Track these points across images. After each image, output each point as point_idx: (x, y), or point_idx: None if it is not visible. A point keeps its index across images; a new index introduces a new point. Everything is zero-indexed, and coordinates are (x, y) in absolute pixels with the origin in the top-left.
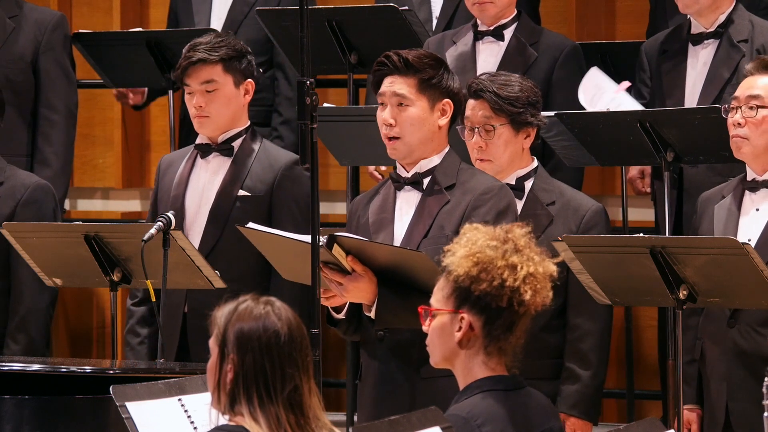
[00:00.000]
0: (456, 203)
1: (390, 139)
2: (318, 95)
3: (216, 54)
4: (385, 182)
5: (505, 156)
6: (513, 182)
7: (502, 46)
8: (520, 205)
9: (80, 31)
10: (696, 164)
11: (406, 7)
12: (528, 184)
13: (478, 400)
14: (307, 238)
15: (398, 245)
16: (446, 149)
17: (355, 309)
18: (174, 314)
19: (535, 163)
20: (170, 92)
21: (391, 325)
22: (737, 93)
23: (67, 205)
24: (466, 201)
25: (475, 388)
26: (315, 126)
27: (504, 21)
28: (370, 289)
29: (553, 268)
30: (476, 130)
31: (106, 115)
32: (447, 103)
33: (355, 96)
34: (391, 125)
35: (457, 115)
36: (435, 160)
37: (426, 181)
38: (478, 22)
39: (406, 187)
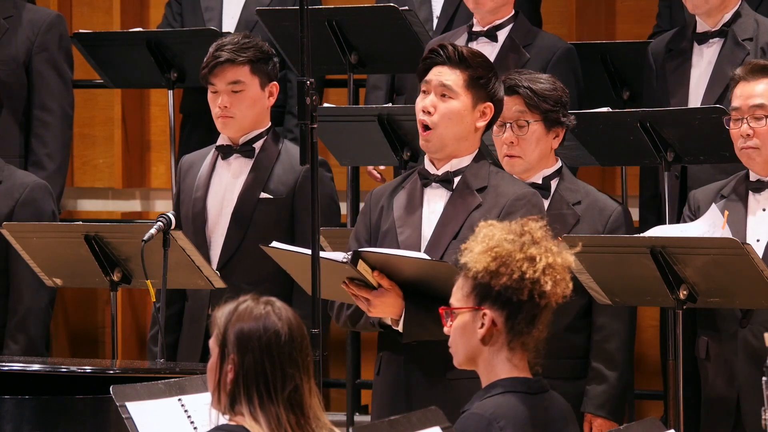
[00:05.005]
0: (489, 207)
1: (425, 128)
2: (318, 95)
3: (244, 55)
4: (409, 175)
5: (535, 153)
6: (539, 181)
7: (496, 47)
8: (546, 204)
9: (80, 31)
10: (696, 164)
11: (406, 7)
12: (554, 184)
13: (501, 400)
14: (331, 254)
15: (426, 243)
16: (477, 151)
17: None
18: (198, 317)
19: (560, 163)
20: (170, 92)
21: (418, 337)
22: (737, 104)
23: (67, 205)
24: (500, 206)
25: (499, 387)
26: (315, 126)
27: (499, 21)
28: (397, 303)
29: (571, 260)
30: (508, 125)
31: (106, 115)
32: (488, 107)
33: (355, 96)
34: (429, 113)
35: (494, 122)
36: (466, 161)
37: (456, 180)
38: (474, 21)
39: (433, 184)
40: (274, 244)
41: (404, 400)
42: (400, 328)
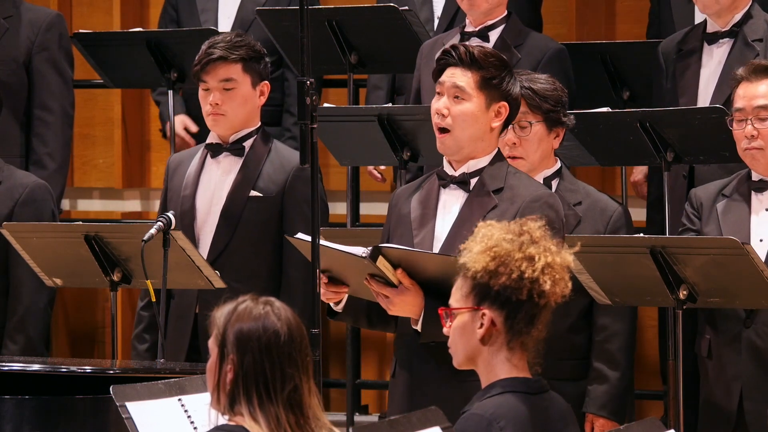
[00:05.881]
0: (504, 209)
1: (440, 131)
2: (318, 95)
3: (236, 53)
4: (429, 176)
5: (537, 154)
6: (540, 182)
7: (487, 47)
8: None
9: (80, 31)
10: (696, 164)
11: (406, 7)
12: (554, 184)
13: (501, 400)
14: (351, 249)
15: (440, 245)
16: (495, 151)
17: (357, 304)
18: (185, 315)
19: (559, 164)
20: (170, 92)
21: (436, 338)
22: (741, 104)
23: (67, 205)
24: (515, 208)
25: (499, 387)
26: (315, 126)
27: (491, 22)
28: (417, 302)
29: (569, 259)
30: (510, 126)
31: (106, 115)
32: (503, 106)
33: (355, 96)
34: (443, 116)
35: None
36: (484, 161)
37: (473, 181)
38: (467, 22)
39: (451, 185)
40: (300, 235)
41: (420, 402)
42: (418, 328)
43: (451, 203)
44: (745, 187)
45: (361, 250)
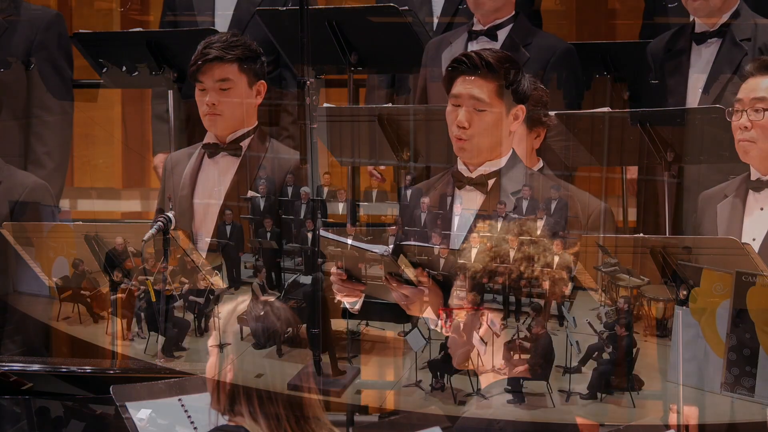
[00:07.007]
0: (522, 211)
1: (459, 139)
2: (318, 95)
3: (232, 53)
4: (442, 176)
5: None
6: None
7: (496, 46)
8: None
9: (80, 31)
10: (696, 164)
11: (406, 7)
12: None
13: (501, 400)
14: (377, 248)
15: (457, 247)
16: (510, 152)
17: (371, 307)
18: (183, 315)
19: (541, 163)
20: (170, 92)
21: None
22: (741, 96)
23: (67, 205)
24: (534, 210)
25: (500, 386)
26: (315, 126)
27: (499, 21)
28: (436, 303)
29: (569, 259)
30: None
31: (106, 115)
32: (521, 109)
33: (355, 96)
34: (464, 128)
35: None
36: (500, 163)
37: (491, 182)
38: (474, 21)
39: (467, 186)
40: (321, 232)
41: (433, 402)
42: (437, 328)
43: (467, 204)
44: (743, 186)
45: (382, 248)
